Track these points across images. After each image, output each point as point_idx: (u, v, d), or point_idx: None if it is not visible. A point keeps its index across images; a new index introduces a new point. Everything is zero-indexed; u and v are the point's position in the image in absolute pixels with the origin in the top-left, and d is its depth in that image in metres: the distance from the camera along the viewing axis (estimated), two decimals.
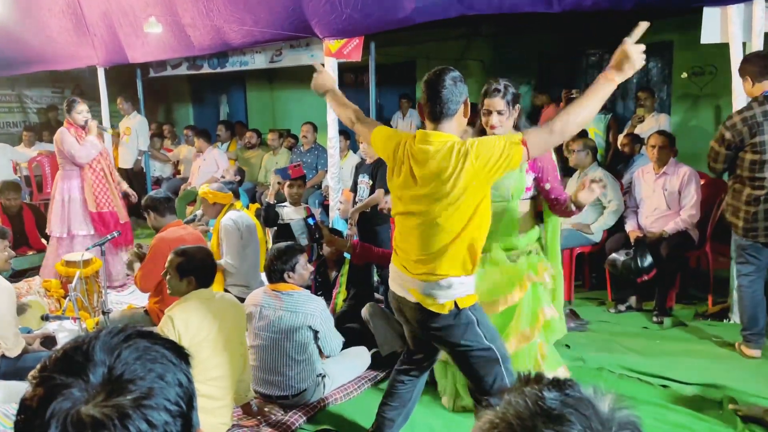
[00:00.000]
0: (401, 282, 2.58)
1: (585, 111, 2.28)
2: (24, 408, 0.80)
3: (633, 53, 2.25)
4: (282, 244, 3.66)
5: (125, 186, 6.23)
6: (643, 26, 2.29)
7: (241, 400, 3.33)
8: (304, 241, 5.37)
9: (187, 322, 2.96)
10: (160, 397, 0.81)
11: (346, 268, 4.48)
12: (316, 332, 3.51)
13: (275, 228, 5.64)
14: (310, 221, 5.34)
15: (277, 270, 3.53)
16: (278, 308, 3.47)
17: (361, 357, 3.91)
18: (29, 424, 0.79)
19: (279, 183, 5.71)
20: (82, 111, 5.74)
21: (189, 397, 0.85)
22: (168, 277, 3.15)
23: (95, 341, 0.84)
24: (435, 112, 2.43)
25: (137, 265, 4.63)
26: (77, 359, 0.82)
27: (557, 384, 0.80)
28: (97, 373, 0.80)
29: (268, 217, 5.51)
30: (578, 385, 0.81)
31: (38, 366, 0.84)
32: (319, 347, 3.58)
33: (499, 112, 3.02)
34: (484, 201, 2.41)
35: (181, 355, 0.88)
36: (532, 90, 8.17)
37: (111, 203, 5.86)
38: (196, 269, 3.10)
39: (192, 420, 0.85)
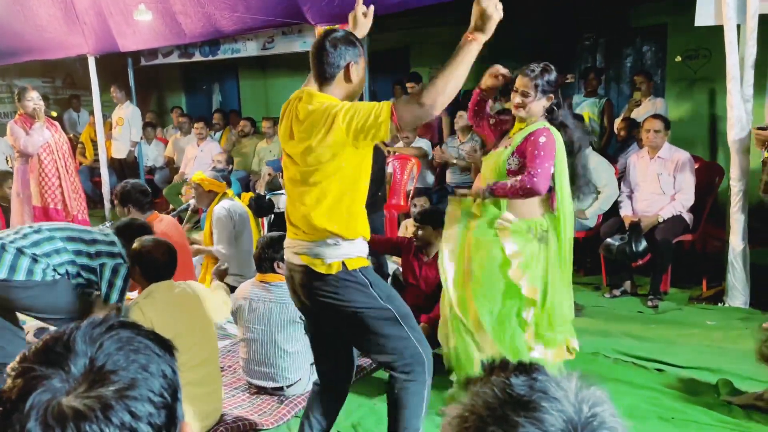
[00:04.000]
0: (291, 248, 2.49)
1: (453, 79, 2.16)
2: (2, 401, 0.78)
3: (488, 6, 2.15)
4: (274, 233, 3.63)
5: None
6: None
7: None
8: None
9: (158, 310, 2.96)
10: (144, 388, 0.79)
11: None
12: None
13: (272, 216, 5.62)
14: None
15: (268, 258, 3.49)
16: (268, 300, 3.45)
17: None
18: (8, 417, 0.77)
19: (270, 174, 5.69)
20: (32, 98, 5.51)
21: (173, 389, 0.83)
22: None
23: (76, 332, 0.82)
24: (316, 75, 2.43)
25: None
26: (58, 350, 0.80)
27: (523, 369, 0.78)
28: (79, 364, 0.78)
29: (259, 207, 5.48)
30: (544, 368, 0.79)
31: (17, 357, 0.82)
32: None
33: (524, 94, 2.94)
34: (360, 165, 2.36)
35: (164, 346, 0.86)
36: None
37: (58, 200, 5.61)
38: (143, 264, 3.14)
39: (177, 412, 0.83)
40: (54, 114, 6.77)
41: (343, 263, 2.37)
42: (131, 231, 3.53)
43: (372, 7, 2.69)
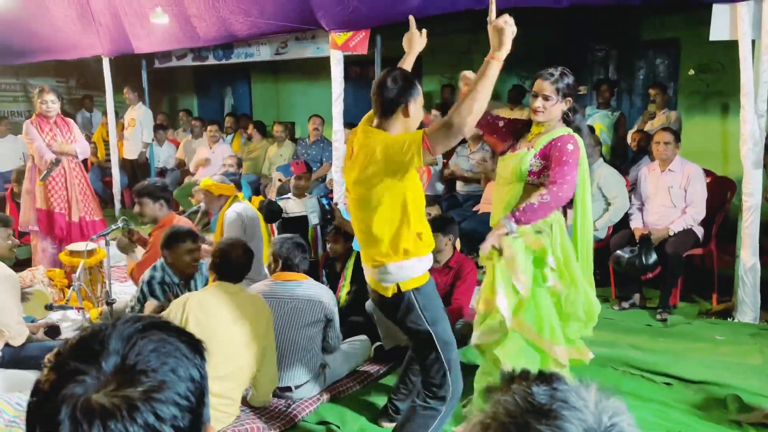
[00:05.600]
0: (365, 270, 2.79)
1: (480, 99, 2.32)
2: (36, 391, 0.81)
3: (501, 24, 2.36)
4: (297, 237, 3.66)
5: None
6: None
7: (258, 403, 3.32)
8: (315, 219, 5.36)
9: (202, 305, 2.98)
10: (171, 391, 0.80)
11: (351, 261, 4.46)
12: (329, 321, 3.52)
13: (280, 220, 5.64)
14: (325, 201, 5.31)
15: (301, 260, 3.56)
16: (292, 298, 3.47)
17: (361, 344, 3.91)
18: (40, 407, 0.79)
19: (280, 180, 5.71)
20: (46, 101, 5.45)
21: (200, 393, 0.85)
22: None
23: (112, 329, 0.84)
24: (376, 109, 2.62)
25: (136, 253, 4.61)
26: (92, 346, 0.82)
27: (544, 378, 0.79)
28: (110, 362, 0.80)
29: (271, 213, 5.50)
30: (564, 377, 0.80)
31: (55, 351, 0.84)
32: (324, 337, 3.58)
33: (545, 97, 2.92)
34: (405, 191, 2.54)
35: (196, 348, 0.87)
36: None
37: (63, 204, 5.52)
38: (216, 264, 3.21)
39: (202, 416, 0.85)
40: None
41: (398, 285, 2.61)
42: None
43: (425, 30, 2.93)
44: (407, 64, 2.94)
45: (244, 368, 3.11)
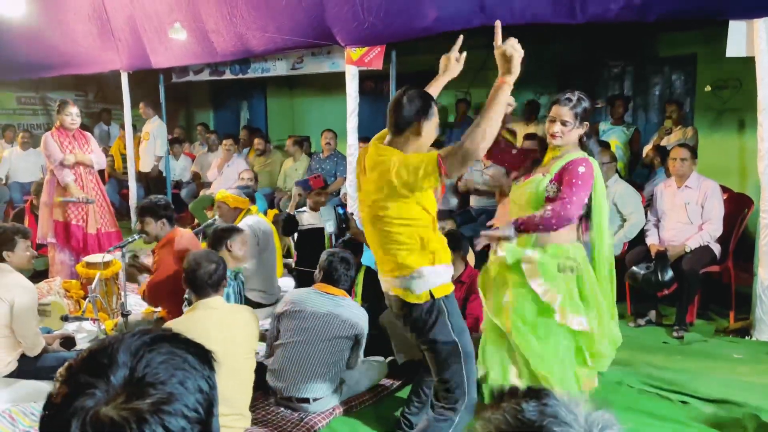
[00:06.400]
0: (383, 282, 2.80)
1: (492, 123, 2.36)
2: (49, 404, 0.82)
3: (509, 49, 2.40)
4: (345, 253, 3.68)
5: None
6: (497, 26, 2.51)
7: None
8: (330, 228, 5.40)
9: (189, 332, 2.95)
10: (179, 403, 0.81)
11: (361, 276, 4.46)
12: (357, 342, 3.51)
13: (296, 234, 5.67)
14: (340, 210, 5.34)
15: (342, 275, 3.56)
16: (330, 311, 3.46)
17: (378, 366, 3.90)
18: (53, 420, 0.80)
19: (300, 195, 5.77)
20: (71, 113, 5.53)
21: (209, 404, 0.85)
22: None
23: (120, 343, 0.84)
24: (390, 126, 2.65)
25: (143, 278, 4.64)
26: (101, 360, 0.83)
27: (534, 395, 0.79)
28: (119, 375, 0.81)
29: (289, 227, 5.54)
30: (553, 393, 0.80)
31: (65, 364, 0.85)
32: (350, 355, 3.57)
33: (563, 123, 2.93)
34: (420, 208, 2.57)
35: (205, 359, 0.88)
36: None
37: (81, 216, 5.58)
38: (190, 281, 3.16)
39: (211, 426, 0.85)
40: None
41: (431, 292, 2.62)
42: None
43: (465, 54, 2.95)
44: (437, 85, 2.96)
45: (246, 381, 3.12)
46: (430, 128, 2.62)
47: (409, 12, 5.26)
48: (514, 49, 2.39)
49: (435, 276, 2.63)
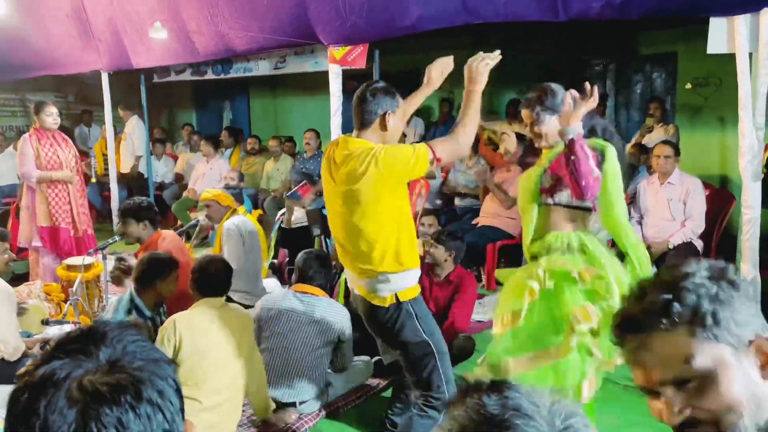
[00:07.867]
0: (350, 279, 2.80)
1: (472, 122, 2.58)
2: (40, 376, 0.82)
3: (474, 65, 2.60)
4: (321, 251, 3.66)
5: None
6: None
7: (262, 414, 3.28)
8: (316, 230, 5.40)
9: (191, 325, 2.95)
10: (162, 375, 0.85)
11: (343, 277, 4.43)
12: (341, 342, 3.48)
13: (280, 231, 5.68)
14: (325, 212, 5.37)
15: (316, 273, 3.52)
16: (307, 313, 3.42)
17: (365, 365, 3.88)
18: (38, 390, 0.80)
19: (302, 207, 5.85)
20: (52, 113, 5.41)
21: (178, 386, 0.88)
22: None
23: (99, 331, 0.88)
24: (355, 120, 2.68)
25: (128, 282, 4.58)
26: (87, 340, 0.86)
27: (496, 388, 0.79)
28: (105, 354, 0.84)
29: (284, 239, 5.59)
30: (517, 385, 0.79)
31: (54, 342, 0.89)
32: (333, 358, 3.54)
33: (532, 123, 2.83)
34: (400, 204, 2.61)
35: (168, 361, 0.91)
36: None
37: (67, 219, 5.51)
38: (197, 281, 3.15)
39: (183, 405, 0.88)
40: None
41: (396, 295, 2.62)
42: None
43: (451, 67, 2.96)
44: (420, 96, 2.99)
45: (238, 382, 3.09)
46: (397, 121, 2.64)
47: (392, 10, 5.24)
48: (479, 65, 2.57)
49: (402, 279, 2.63)
